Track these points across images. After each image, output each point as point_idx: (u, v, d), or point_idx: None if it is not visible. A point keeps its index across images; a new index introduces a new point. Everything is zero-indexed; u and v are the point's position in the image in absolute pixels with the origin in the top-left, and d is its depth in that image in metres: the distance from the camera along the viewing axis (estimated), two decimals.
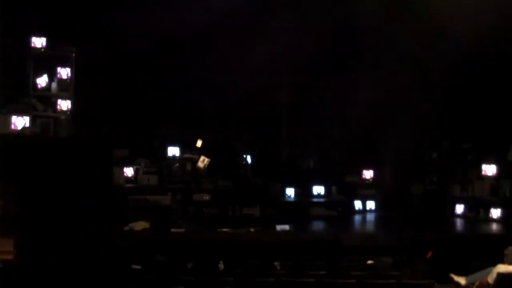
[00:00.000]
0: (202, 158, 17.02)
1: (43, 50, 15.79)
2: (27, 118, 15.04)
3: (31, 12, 16.02)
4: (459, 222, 17.08)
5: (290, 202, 17.59)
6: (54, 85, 15.78)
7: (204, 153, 17.20)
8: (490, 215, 16.88)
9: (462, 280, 10.73)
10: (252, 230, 14.60)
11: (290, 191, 17.73)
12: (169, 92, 18.14)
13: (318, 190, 18.00)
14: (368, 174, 18.47)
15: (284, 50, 17.18)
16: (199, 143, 17.50)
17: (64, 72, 15.76)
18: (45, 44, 15.78)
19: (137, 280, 10.54)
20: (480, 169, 17.72)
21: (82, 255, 12.12)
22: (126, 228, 14.29)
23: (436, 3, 15.98)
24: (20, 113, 15.03)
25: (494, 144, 18.34)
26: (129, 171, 16.91)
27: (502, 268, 10.23)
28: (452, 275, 10.94)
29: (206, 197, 16.75)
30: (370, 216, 17.68)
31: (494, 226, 16.47)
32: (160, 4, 17.04)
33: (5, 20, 14.47)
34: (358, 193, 18.23)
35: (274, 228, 14.86)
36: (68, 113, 15.61)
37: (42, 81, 15.61)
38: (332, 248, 13.64)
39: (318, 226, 16.46)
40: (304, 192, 17.96)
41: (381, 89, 17.53)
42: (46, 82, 15.67)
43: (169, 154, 17.62)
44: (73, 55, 15.88)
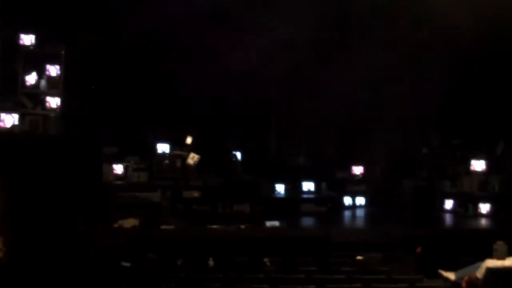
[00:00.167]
0: (192, 155, 17.03)
1: (32, 48, 15.75)
2: (16, 116, 15.00)
3: (20, 10, 15.95)
4: (448, 218, 17.13)
5: (280, 199, 17.58)
6: (43, 83, 15.74)
7: (194, 150, 17.20)
8: (479, 210, 16.95)
9: (451, 276, 10.75)
10: (242, 227, 14.61)
11: (280, 188, 17.73)
12: (159, 89, 18.12)
13: (308, 186, 18.01)
14: (358, 170, 18.49)
15: (274, 46, 17.17)
16: (189, 140, 17.50)
17: (53, 70, 15.72)
18: (34, 42, 15.75)
19: (127, 278, 10.53)
20: (469, 165, 17.79)
21: (72, 253, 12.10)
22: (116, 225, 14.27)
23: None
24: (9, 111, 15.00)
25: (483, 140, 18.43)
26: (119, 168, 16.87)
27: (491, 263, 10.25)
28: (441, 271, 10.97)
29: (196, 194, 16.73)
30: (360, 212, 17.70)
31: (483, 221, 16.55)
32: (149, 1, 16.99)
33: None
34: (348, 189, 18.23)
35: (264, 225, 14.88)
36: (57, 111, 15.57)
37: (31, 79, 15.57)
38: (322, 244, 13.68)
39: (308, 222, 16.48)
40: (294, 189, 17.96)
41: (371, 85, 17.59)
42: (35, 80, 15.63)
43: (159, 151, 17.59)
44: (62, 53, 15.84)
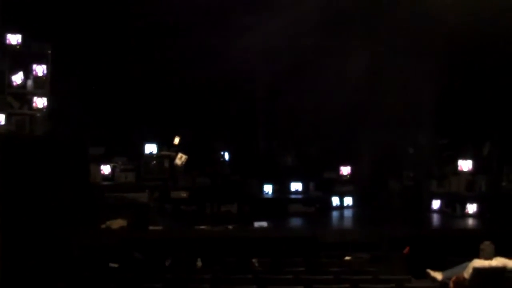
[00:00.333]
0: (180, 155, 16.99)
1: (19, 47, 15.67)
2: (3, 116, 14.93)
3: (6, 9, 15.86)
4: (436, 218, 17.17)
5: (268, 199, 17.57)
6: (30, 83, 15.66)
7: (182, 150, 17.17)
8: (466, 211, 16.99)
9: (439, 276, 10.79)
10: (230, 227, 14.60)
11: (268, 188, 17.72)
12: (146, 89, 18.06)
13: (296, 187, 18.01)
14: (346, 171, 18.49)
15: (261, 44, 17.14)
16: (177, 140, 17.46)
17: (40, 69, 15.65)
18: (21, 41, 15.66)
19: (115, 279, 10.50)
20: (456, 165, 17.84)
21: (59, 254, 12.05)
22: (103, 226, 14.23)
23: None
24: None
25: (470, 140, 18.49)
26: (106, 169, 16.82)
27: (478, 263, 10.30)
28: (429, 271, 11.00)
29: (184, 194, 16.72)
30: (348, 212, 17.72)
31: (470, 221, 16.59)
32: (137, 1, 16.94)
33: None
34: (336, 190, 18.23)
35: (252, 225, 14.87)
36: (44, 111, 15.50)
37: (18, 79, 15.49)
38: (310, 245, 13.68)
39: (296, 223, 16.48)
40: (282, 189, 17.96)
41: (358, 86, 17.59)
42: (22, 80, 15.55)
43: (146, 151, 17.54)
44: (49, 52, 15.77)
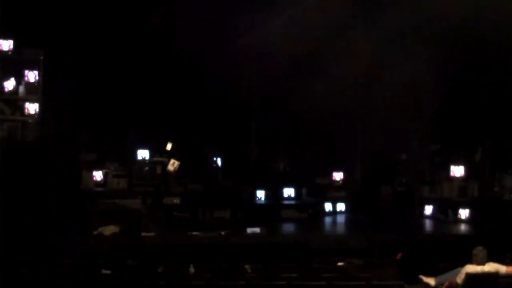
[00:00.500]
0: (172, 161, 16.99)
1: (10, 53, 15.62)
2: None
3: None
4: (428, 223, 17.21)
5: (261, 205, 17.59)
6: (22, 89, 15.61)
7: (174, 156, 17.16)
8: (459, 216, 17.03)
9: (431, 281, 10.79)
10: (223, 233, 14.57)
11: (261, 194, 17.73)
12: (139, 95, 18.05)
13: (289, 193, 18.02)
14: (338, 176, 18.53)
15: (254, 50, 17.16)
16: (169, 146, 17.45)
17: (32, 75, 15.60)
18: (13, 47, 15.61)
19: (107, 285, 10.46)
20: (449, 170, 17.88)
21: (51, 260, 12.00)
22: (95, 233, 14.20)
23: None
24: None
25: (462, 146, 18.54)
26: (98, 175, 16.79)
27: (471, 269, 10.31)
28: (421, 276, 11.00)
29: (176, 201, 16.71)
30: (340, 218, 17.74)
31: (463, 227, 16.63)
32: (127, 8, 16.92)
33: None
34: (328, 195, 18.27)
35: (245, 231, 14.85)
36: (36, 117, 15.45)
37: (9, 85, 15.43)
38: (303, 251, 13.67)
39: (289, 229, 16.48)
40: (275, 195, 17.97)
41: (351, 92, 17.64)
42: (14, 86, 15.50)
43: (139, 157, 17.52)
44: (41, 58, 15.73)
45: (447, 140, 18.69)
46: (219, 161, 18.22)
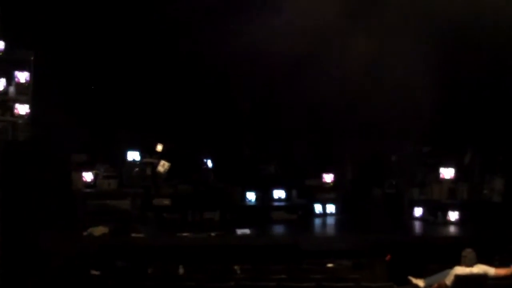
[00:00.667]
0: (162, 163, 16.97)
1: (1, 54, 15.58)
2: None
3: None
4: (418, 225, 17.24)
5: (251, 206, 17.58)
6: (12, 89, 15.57)
7: (164, 158, 17.14)
8: (448, 218, 17.07)
9: (421, 283, 10.84)
10: (213, 235, 14.58)
11: (251, 195, 17.72)
12: (129, 96, 18.03)
13: (279, 194, 18.01)
14: (328, 178, 18.54)
15: (246, 51, 17.14)
16: (159, 148, 17.44)
17: (22, 76, 15.55)
18: (3, 48, 15.58)
19: (97, 286, 10.45)
20: (438, 172, 17.93)
21: (40, 261, 11.97)
22: (85, 234, 14.17)
23: None
24: None
25: (452, 148, 18.59)
26: (88, 176, 16.76)
27: (460, 270, 10.36)
28: (411, 278, 11.04)
29: (166, 202, 16.69)
30: (330, 220, 17.76)
31: (452, 229, 16.68)
32: (117, 9, 16.90)
33: None
34: (318, 197, 18.27)
35: (235, 232, 14.86)
36: (26, 117, 15.41)
37: (0, 85, 15.40)
38: (292, 252, 13.69)
39: (279, 230, 16.50)
40: (265, 196, 17.97)
41: (341, 94, 17.63)
42: (4, 86, 15.46)
43: (129, 159, 17.49)
44: (32, 59, 15.69)
45: (437, 143, 18.73)
46: (210, 163, 18.22)
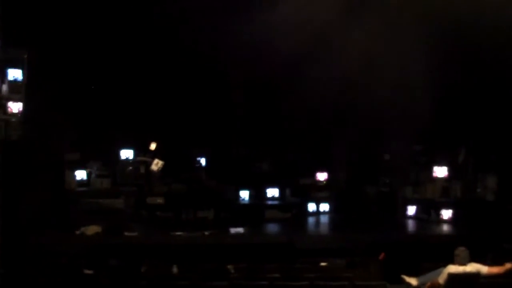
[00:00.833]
0: (156, 161, 16.93)
1: None
2: None
3: None
4: (411, 224, 17.27)
5: (244, 205, 17.58)
6: (5, 87, 15.51)
7: (158, 156, 17.11)
8: (441, 216, 17.10)
9: (414, 281, 10.84)
10: (206, 233, 14.57)
11: (244, 194, 17.72)
12: (123, 94, 18.00)
13: (272, 193, 18.02)
14: (322, 177, 18.55)
15: (238, 49, 17.11)
16: (153, 146, 17.40)
17: (16, 74, 15.51)
18: None
19: (90, 285, 10.43)
20: (432, 171, 17.96)
21: (33, 260, 11.95)
22: (78, 232, 14.15)
23: None
24: None
25: (445, 147, 18.62)
26: (82, 175, 16.73)
27: (453, 269, 10.36)
28: (404, 276, 11.04)
29: (160, 201, 16.66)
30: (324, 218, 17.77)
31: (445, 227, 16.71)
32: (109, 8, 16.85)
33: None
34: (312, 196, 18.28)
35: (228, 231, 14.86)
36: (19, 116, 15.36)
37: None
38: (286, 251, 13.69)
39: (272, 229, 16.48)
40: (258, 195, 17.97)
41: (334, 91, 17.63)
42: None
43: (123, 157, 17.48)
44: (25, 57, 15.64)
45: (431, 141, 18.76)
46: (203, 161, 18.21)
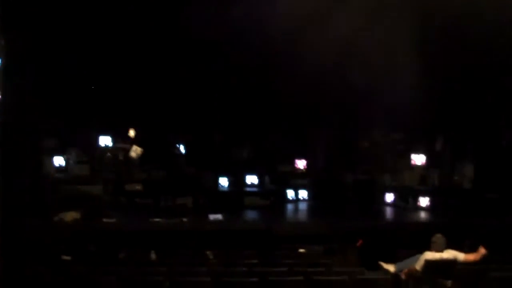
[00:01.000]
0: (135, 148, 16.90)
1: None
2: None
3: None
4: (389, 211, 17.38)
5: (223, 192, 17.59)
6: None
7: (137, 143, 17.06)
8: (419, 204, 17.22)
9: (391, 268, 10.91)
10: (185, 220, 14.57)
11: (223, 181, 17.73)
12: (101, 81, 17.90)
13: (251, 180, 18.05)
14: (301, 164, 18.61)
15: (220, 34, 17.05)
16: (132, 133, 17.35)
17: None
18: None
19: (67, 271, 10.39)
20: (410, 159, 18.07)
21: (10, 247, 11.87)
22: (56, 219, 14.07)
23: None
24: None
25: (423, 135, 18.73)
26: (60, 161, 16.64)
27: (430, 256, 10.43)
28: (381, 263, 11.12)
29: (138, 187, 16.64)
30: (302, 205, 17.83)
31: (423, 215, 16.83)
32: None
33: None
34: (291, 183, 18.33)
35: (207, 218, 14.86)
36: None
37: None
38: (265, 237, 13.72)
39: (251, 216, 16.52)
40: (237, 182, 17.99)
41: (314, 79, 17.65)
42: None
43: (101, 144, 17.40)
44: (2, 43, 15.47)
45: (409, 129, 18.85)
46: (182, 148, 18.18)
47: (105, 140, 17.41)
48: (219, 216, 14.94)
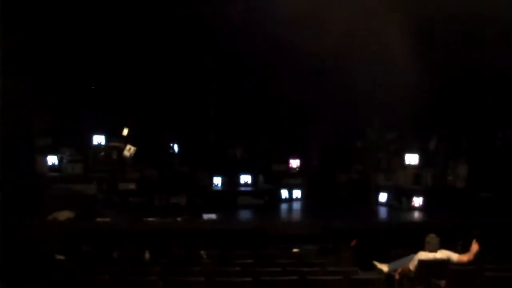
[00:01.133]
0: (128, 147, 16.87)
1: None
2: None
3: None
4: (383, 211, 17.38)
5: (217, 191, 17.57)
6: None
7: (130, 142, 17.04)
8: (412, 204, 17.21)
9: (385, 267, 10.93)
10: (179, 219, 14.55)
11: (217, 180, 17.71)
12: (95, 79, 17.87)
13: (245, 179, 18.02)
14: (295, 163, 18.58)
15: (214, 33, 17.03)
16: (125, 132, 17.32)
17: None
18: None
19: (61, 271, 10.36)
20: (403, 159, 18.08)
21: (4, 246, 11.84)
22: (50, 218, 14.04)
23: None
24: None
25: (417, 134, 18.75)
26: (53, 160, 16.60)
27: (423, 255, 10.46)
28: (375, 263, 11.13)
29: (132, 186, 16.62)
30: (296, 205, 17.81)
31: (416, 214, 16.83)
32: None
33: None
34: (285, 182, 18.31)
35: (201, 217, 14.85)
36: None
37: None
38: (258, 237, 13.72)
39: (245, 215, 16.50)
40: (231, 181, 17.96)
41: (308, 78, 17.67)
42: None
43: (95, 143, 17.38)
44: None
45: (402, 129, 18.87)
46: (176, 147, 18.15)
47: (99, 139, 17.39)
48: (213, 216, 14.93)
